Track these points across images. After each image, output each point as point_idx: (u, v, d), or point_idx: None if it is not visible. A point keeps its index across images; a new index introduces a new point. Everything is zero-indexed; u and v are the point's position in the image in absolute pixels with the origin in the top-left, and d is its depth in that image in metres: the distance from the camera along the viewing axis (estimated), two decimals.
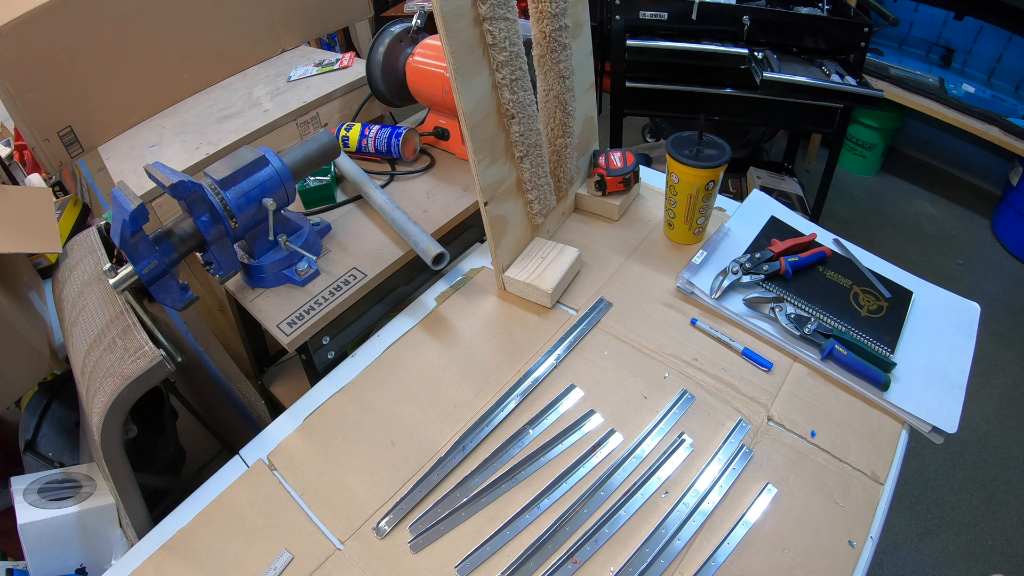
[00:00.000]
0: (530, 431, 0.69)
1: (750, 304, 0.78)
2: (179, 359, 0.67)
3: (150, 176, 0.73)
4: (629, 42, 1.70)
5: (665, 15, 1.66)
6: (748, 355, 0.74)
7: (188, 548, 0.62)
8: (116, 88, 1.18)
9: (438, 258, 0.82)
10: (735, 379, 0.72)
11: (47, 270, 1.09)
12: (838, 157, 1.82)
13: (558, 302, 0.83)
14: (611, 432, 0.68)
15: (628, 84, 1.78)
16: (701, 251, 0.84)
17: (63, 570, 0.75)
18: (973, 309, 0.81)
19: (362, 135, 1.04)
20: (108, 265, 0.73)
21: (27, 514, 0.73)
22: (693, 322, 0.79)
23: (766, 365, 0.73)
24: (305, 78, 1.31)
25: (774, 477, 0.63)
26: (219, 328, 1.20)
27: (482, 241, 1.01)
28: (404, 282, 0.93)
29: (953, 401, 0.69)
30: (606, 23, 1.89)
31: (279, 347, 0.85)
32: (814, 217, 1.92)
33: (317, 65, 1.34)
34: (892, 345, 0.74)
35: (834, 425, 0.68)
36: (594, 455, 0.66)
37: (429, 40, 1.05)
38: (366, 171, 1.00)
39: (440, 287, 0.87)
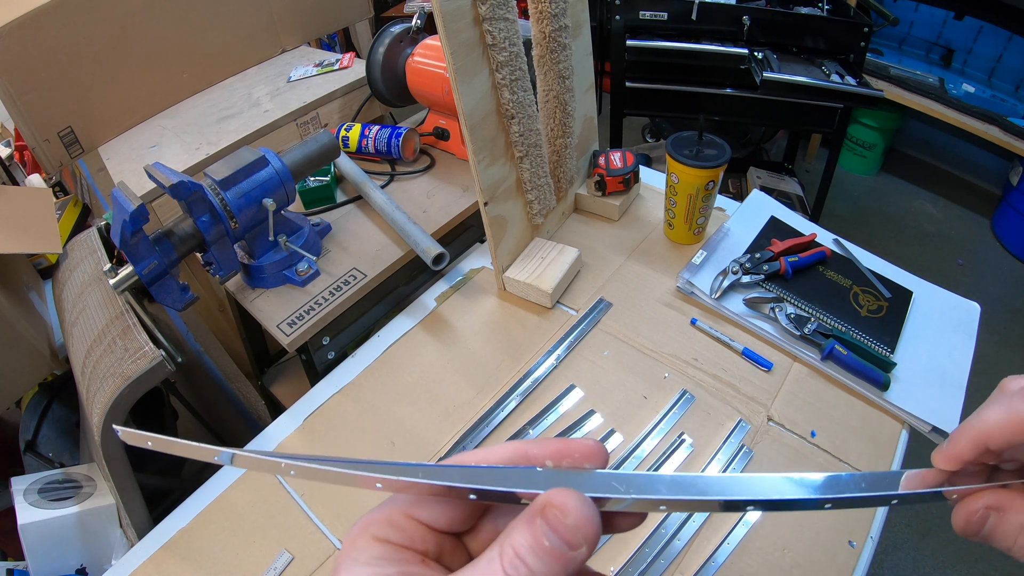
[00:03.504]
0: (530, 431, 0.69)
1: (750, 304, 0.78)
2: (179, 359, 0.67)
3: (150, 176, 0.73)
4: (629, 42, 1.70)
5: (665, 15, 1.66)
6: (748, 355, 0.74)
7: (188, 548, 0.62)
8: (116, 88, 1.18)
9: (438, 258, 0.82)
10: (735, 379, 0.72)
11: (47, 270, 1.09)
12: (838, 157, 1.82)
13: (558, 302, 0.83)
14: (611, 432, 0.68)
15: (628, 84, 1.78)
16: (701, 251, 0.85)
17: (63, 570, 0.75)
18: (973, 309, 0.81)
19: (362, 135, 1.04)
20: (108, 265, 0.73)
21: (27, 514, 0.73)
22: (693, 322, 0.79)
23: (766, 365, 0.73)
24: (305, 78, 1.31)
25: None
26: (219, 328, 1.20)
27: (482, 241, 1.01)
28: (404, 282, 0.93)
29: (953, 401, 0.69)
30: (606, 23, 1.89)
31: (279, 347, 0.86)
32: (814, 217, 1.92)
33: (317, 65, 1.34)
34: (892, 345, 0.74)
35: (834, 425, 0.68)
36: None
37: (429, 40, 1.05)
38: (366, 171, 1.00)
39: (440, 287, 0.87)
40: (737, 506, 0.22)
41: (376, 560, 0.21)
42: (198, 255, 0.81)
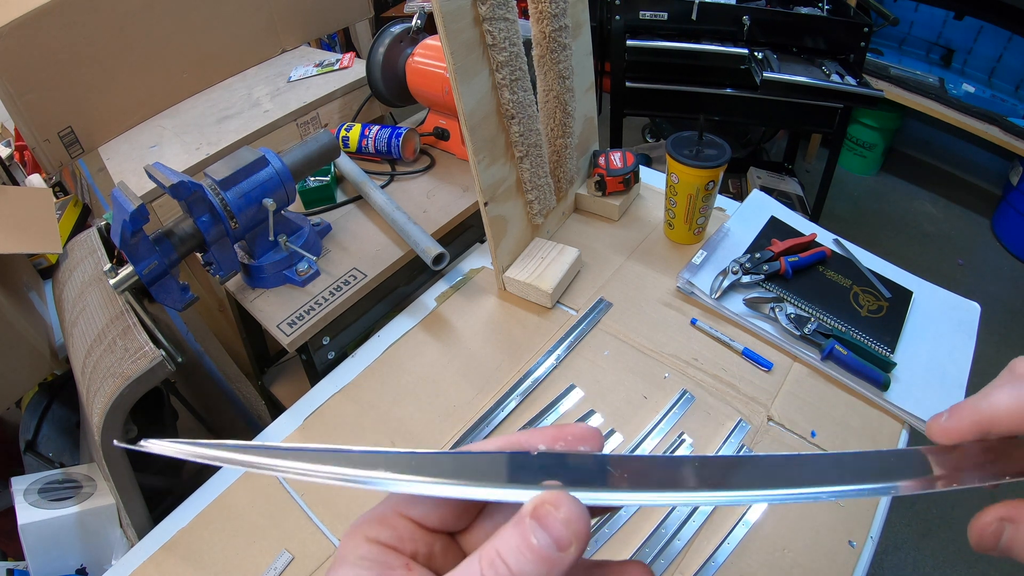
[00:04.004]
0: None
1: (750, 304, 0.78)
2: (179, 359, 0.67)
3: (150, 176, 0.73)
4: (629, 42, 1.70)
5: (665, 15, 1.66)
6: (748, 355, 0.74)
7: (188, 548, 0.62)
8: (116, 88, 1.18)
9: (438, 258, 0.82)
10: (735, 379, 0.72)
11: (47, 270, 1.09)
12: (838, 157, 1.82)
13: (558, 302, 0.83)
14: (611, 432, 0.68)
15: (628, 84, 1.78)
16: (701, 251, 0.84)
17: (63, 570, 0.75)
18: (973, 309, 0.81)
19: (362, 135, 1.04)
20: (108, 265, 0.73)
21: (27, 514, 0.73)
22: (693, 322, 0.79)
23: (766, 365, 0.73)
24: (305, 78, 1.31)
25: None
26: (219, 328, 1.20)
27: (482, 241, 1.01)
28: (404, 282, 0.93)
29: (953, 401, 0.69)
30: (606, 23, 1.89)
31: (279, 347, 0.86)
32: (814, 217, 1.92)
33: (317, 65, 1.34)
34: (892, 345, 0.74)
35: (834, 425, 0.68)
36: None
37: (429, 40, 1.05)
38: (366, 171, 1.00)
39: (440, 287, 0.87)
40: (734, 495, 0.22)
41: (360, 560, 0.21)
42: (198, 255, 0.81)
